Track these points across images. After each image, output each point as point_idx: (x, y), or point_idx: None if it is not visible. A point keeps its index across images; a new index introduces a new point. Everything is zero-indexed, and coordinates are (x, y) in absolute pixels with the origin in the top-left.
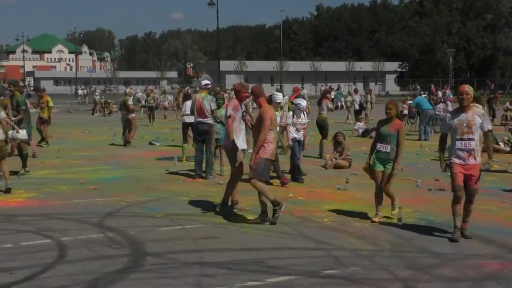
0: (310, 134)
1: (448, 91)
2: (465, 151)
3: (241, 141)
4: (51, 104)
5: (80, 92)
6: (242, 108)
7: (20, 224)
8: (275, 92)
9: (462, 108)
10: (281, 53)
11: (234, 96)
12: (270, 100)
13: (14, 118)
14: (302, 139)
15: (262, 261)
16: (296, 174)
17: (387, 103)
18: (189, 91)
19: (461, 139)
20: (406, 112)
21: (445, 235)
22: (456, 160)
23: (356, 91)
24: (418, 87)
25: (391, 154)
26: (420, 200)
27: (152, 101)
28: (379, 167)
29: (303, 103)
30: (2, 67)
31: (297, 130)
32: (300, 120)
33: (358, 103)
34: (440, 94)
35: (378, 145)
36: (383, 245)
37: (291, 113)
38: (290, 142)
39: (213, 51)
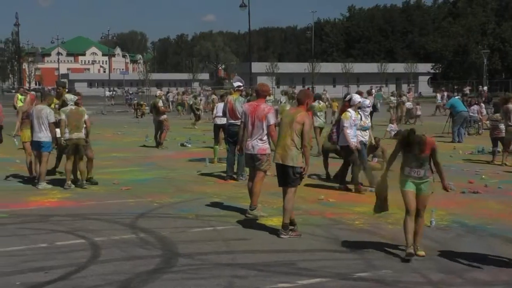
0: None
1: (445, 93)
2: None
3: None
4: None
5: (107, 93)
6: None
7: (54, 224)
8: (354, 94)
9: None
10: (312, 55)
11: (257, 97)
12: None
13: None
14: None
15: (293, 263)
16: (338, 175)
17: None
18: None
19: None
20: (419, 113)
21: (479, 238)
22: None
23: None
24: (468, 88)
25: (427, 176)
26: (454, 203)
27: (199, 103)
28: (411, 187)
29: (367, 101)
30: (37, 70)
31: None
32: (368, 122)
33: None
34: (439, 96)
35: (407, 169)
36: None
37: (359, 116)
38: (359, 146)
39: (244, 53)
